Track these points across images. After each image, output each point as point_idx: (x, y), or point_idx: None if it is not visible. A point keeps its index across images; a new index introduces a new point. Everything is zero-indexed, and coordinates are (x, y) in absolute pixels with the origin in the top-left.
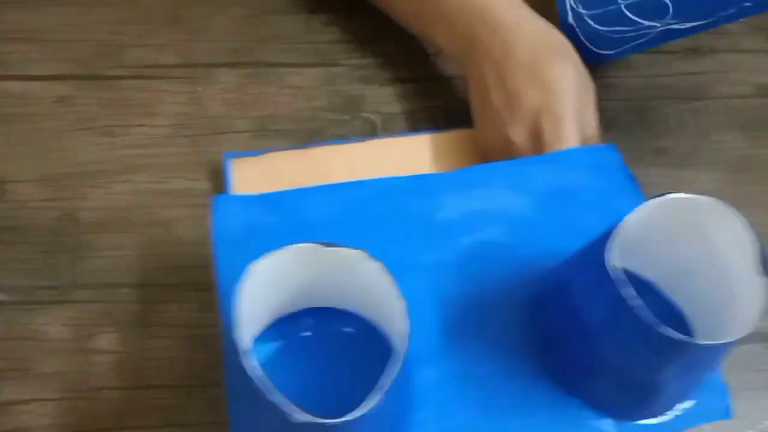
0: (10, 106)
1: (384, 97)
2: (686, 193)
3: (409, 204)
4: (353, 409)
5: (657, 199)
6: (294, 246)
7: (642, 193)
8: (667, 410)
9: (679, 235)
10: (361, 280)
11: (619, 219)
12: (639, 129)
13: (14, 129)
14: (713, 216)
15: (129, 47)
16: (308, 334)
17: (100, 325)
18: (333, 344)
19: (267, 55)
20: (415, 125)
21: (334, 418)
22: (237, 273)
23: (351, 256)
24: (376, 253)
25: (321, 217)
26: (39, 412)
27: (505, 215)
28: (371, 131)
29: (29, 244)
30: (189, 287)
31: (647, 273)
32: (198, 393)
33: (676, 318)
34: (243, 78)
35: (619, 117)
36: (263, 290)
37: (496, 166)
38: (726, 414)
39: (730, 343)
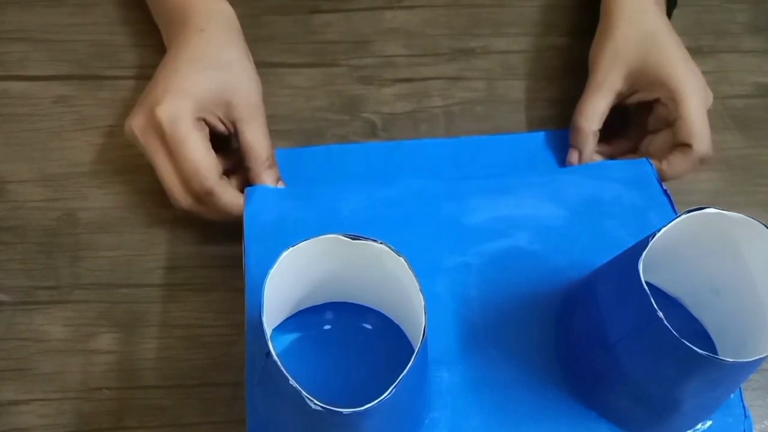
0: (10, 106)
1: (384, 97)
2: (716, 208)
3: (440, 207)
4: (366, 402)
5: (691, 213)
6: (321, 237)
7: (676, 208)
8: (684, 429)
9: (709, 251)
10: (384, 274)
11: (651, 232)
12: None
13: (14, 129)
14: (746, 233)
15: (129, 47)
16: (328, 327)
17: (99, 326)
18: (352, 339)
19: (267, 55)
20: (415, 125)
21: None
22: (265, 263)
23: (376, 250)
24: (402, 252)
25: (350, 213)
26: (39, 412)
27: (535, 223)
28: (371, 131)
29: (29, 244)
30: (188, 287)
31: (675, 290)
32: (197, 393)
33: (701, 336)
34: None
35: None
36: (288, 280)
37: (529, 175)
38: None
39: (753, 362)
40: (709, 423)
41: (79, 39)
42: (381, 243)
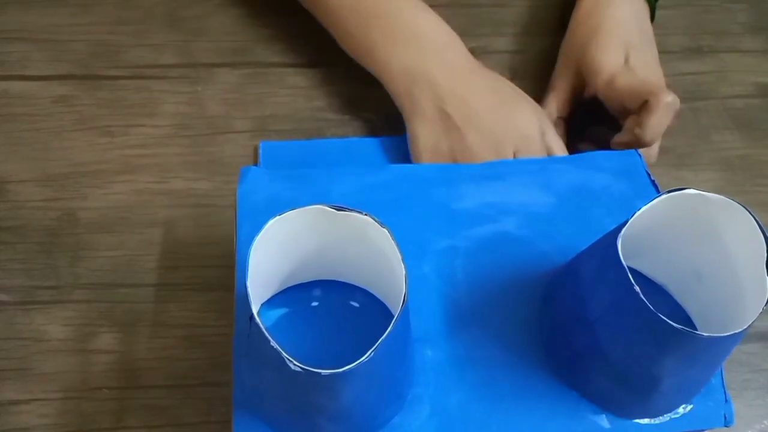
0: (10, 106)
1: (384, 97)
2: (696, 189)
3: (430, 191)
4: None
5: (671, 194)
6: (306, 207)
7: None
8: (664, 412)
9: (691, 234)
10: (369, 247)
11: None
12: None
13: (14, 129)
14: (725, 215)
15: (128, 47)
16: (316, 304)
17: (99, 325)
18: (339, 316)
19: (267, 55)
20: None
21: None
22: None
23: (360, 221)
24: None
25: (342, 196)
26: (39, 412)
27: (523, 209)
28: (371, 131)
29: (29, 244)
30: (188, 287)
31: (660, 277)
32: (197, 393)
33: (685, 324)
34: (243, 78)
35: None
36: (275, 252)
37: (520, 162)
38: (725, 422)
39: (727, 337)
40: (690, 407)
41: (79, 39)
42: (365, 214)
